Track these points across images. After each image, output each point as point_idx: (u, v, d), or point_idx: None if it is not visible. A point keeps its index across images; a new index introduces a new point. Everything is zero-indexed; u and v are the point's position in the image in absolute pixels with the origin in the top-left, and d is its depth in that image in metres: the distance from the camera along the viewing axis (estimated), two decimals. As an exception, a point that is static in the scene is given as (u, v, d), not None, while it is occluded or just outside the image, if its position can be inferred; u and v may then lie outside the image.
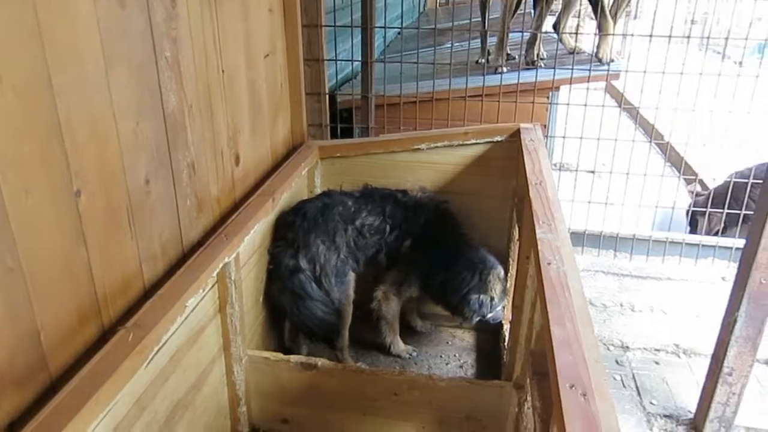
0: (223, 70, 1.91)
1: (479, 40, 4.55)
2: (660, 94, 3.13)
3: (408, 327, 2.70)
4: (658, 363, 2.60)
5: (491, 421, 1.92)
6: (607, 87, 6.09)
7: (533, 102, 3.19)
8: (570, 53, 4.34)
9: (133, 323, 1.39)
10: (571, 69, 3.40)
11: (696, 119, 3.27)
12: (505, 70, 4.09)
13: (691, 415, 2.28)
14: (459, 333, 2.72)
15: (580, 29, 4.72)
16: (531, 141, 2.32)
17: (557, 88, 3.85)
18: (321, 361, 1.97)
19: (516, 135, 2.44)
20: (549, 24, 4.68)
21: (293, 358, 2.00)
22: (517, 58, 4.26)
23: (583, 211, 3.35)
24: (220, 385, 1.89)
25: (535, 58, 4.23)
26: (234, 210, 2.00)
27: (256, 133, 2.23)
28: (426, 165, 2.57)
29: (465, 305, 2.33)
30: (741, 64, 5.28)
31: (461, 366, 2.53)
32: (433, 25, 4.76)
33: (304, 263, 2.22)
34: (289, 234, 2.24)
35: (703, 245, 3.39)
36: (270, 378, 2.01)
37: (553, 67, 3.26)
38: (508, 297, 2.45)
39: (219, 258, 1.70)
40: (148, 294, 1.54)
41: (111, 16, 1.34)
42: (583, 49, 4.53)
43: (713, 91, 3.16)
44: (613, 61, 4.27)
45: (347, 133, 3.38)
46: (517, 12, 4.36)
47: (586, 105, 3.18)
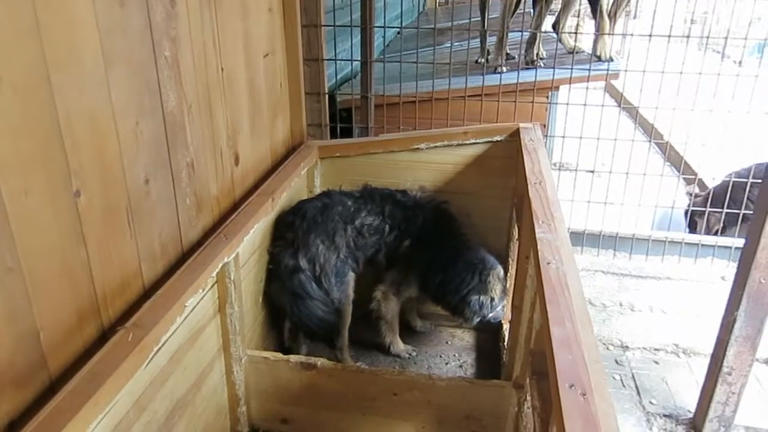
0: (222, 70, 1.91)
1: (479, 40, 4.55)
2: (659, 94, 3.13)
3: (408, 327, 2.70)
4: (657, 362, 2.60)
5: (491, 420, 1.92)
6: (607, 86, 6.08)
7: (533, 102, 3.19)
8: (569, 53, 4.34)
9: (133, 323, 1.39)
10: (571, 69, 3.40)
11: (695, 119, 3.27)
12: (504, 69, 4.08)
13: (691, 415, 2.28)
14: (459, 333, 2.72)
15: (579, 29, 4.71)
16: (530, 140, 2.32)
17: (557, 88, 3.85)
18: (320, 361, 1.97)
19: (515, 135, 2.44)
20: (548, 23, 4.68)
21: (293, 358, 2.00)
22: (516, 57, 4.25)
23: (583, 210, 3.35)
24: (219, 385, 1.89)
25: (535, 58, 4.23)
26: (233, 210, 2.00)
27: (255, 133, 2.23)
28: (425, 165, 2.57)
29: (465, 306, 2.33)
30: (740, 63, 5.28)
31: (461, 366, 2.53)
32: (433, 25, 4.76)
33: (303, 263, 2.22)
34: (288, 234, 2.24)
35: (702, 245, 3.39)
36: (269, 378, 2.01)
37: (553, 67, 3.26)
38: (507, 297, 2.46)
39: (218, 258, 1.70)
40: (147, 294, 1.54)
41: (110, 15, 1.34)
42: (582, 48, 4.53)
43: (713, 90, 3.15)
44: (612, 59, 4.27)
45: (347, 132, 3.38)
46: (517, 11, 4.36)
47: (585, 105, 3.18)
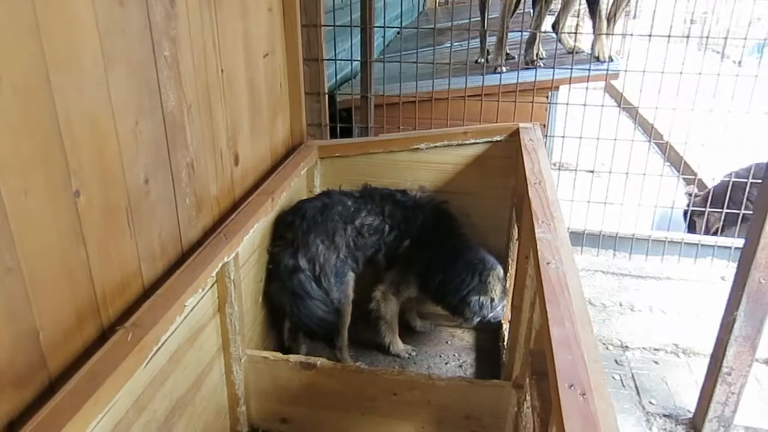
0: (222, 70, 1.91)
1: (478, 40, 4.55)
2: (659, 94, 3.13)
3: (407, 326, 2.70)
4: (657, 362, 2.60)
5: (490, 420, 1.92)
6: (607, 87, 6.08)
7: (532, 102, 3.19)
8: (569, 53, 4.34)
9: (132, 323, 1.39)
10: (570, 69, 3.40)
11: (695, 119, 3.27)
12: (504, 69, 4.08)
13: (690, 415, 2.28)
14: (458, 333, 2.72)
15: (579, 29, 4.71)
16: (530, 140, 2.32)
17: (556, 88, 3.85)
18: (320, 361, 1.97)
19: (515, 135, 2.44)
20: (548, 23, 4.68)
21: (292, 358, 2.00)
22: (516, 57, 4.25)
23: (583, 210, 3.35)
24: (219, 384, 1.89)
25: (535, 58, 4.23)
26: (233, 209, 2.00)
27: (255, 133, 2.23)
28: (425, 165, 2.57)
29: (465, 307, 2.33)
30: (740, 63, 5.28)
31: (460, 366, 2.53)
32: (433, 25, 4.76)
33: (303, 263, 2.22)
34: (288, 233, 2.24)
35: (702, 245, 3.39)
36: (269, 377, 2.01)
37: (553, 67, 3.26)
38: (507, 297, 2.46)
39: (218, 257, 1.70)
40: (147, 294, 1.54)
41: (110, 15, 1.34)
42: (582, 48, 4.53)
43: (712, 90, 3.15)
44: (612, 59, 4.27)
45: (346, 132, 3.38)
46: (516, 12, 4.36)
47: (585, 105, 3.18)
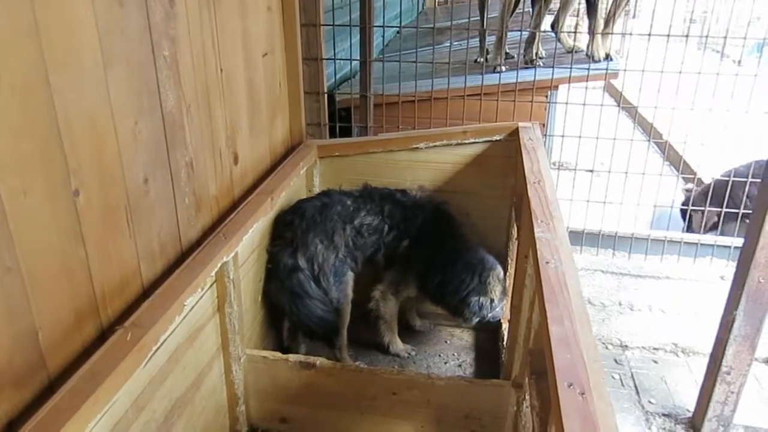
0: (221, 70, 1.91)
1: (478, 39, 4.55)
2: (659, 93, 3.13)
3: (407, 326, 2.70)
4: (656, 362, 2.60)
5: (490, 420, 1.92)
6: (606, 86, 6.09)
7: (532, 101, 3.18)
8: (568, 52, 4.34)
9: (132, 323, 1.39)
10: (570, 68, 3.40)
11: (694, 118, 3.27)
12: (503, 69, 4.08)
13: (690, 414, 2.28)
14: (458, 332, 2.72)
15: (578, 28, 4.70)
16: (529, 140, 2.32)
17: (556, 87, 3.85)
18: (319, 361, 1.97)
19: (514, 134, 2.44)
20: (547, 23, 4.68)
21: (292, 357, 2.00)
22: (515, 57, 4.25)
23: (582, 210, 3.35)
24: (218, 384, 1.89)
25: (534, 57, 4.22)
26: (233, 209, 2.00)
27: (254, 133, 2.23)
28: (424, 164, 2.56)
29: (465, 307, 2.32)
30: (740, 63, 5.29)
31: (460, 365, 2.53)
32: (432, 25, 4.76)
33: (302, 262, 2.22)
34: (287, 233, 2.24)
35: (701, 244, 3.39)
36: (268, 377, 2.01)
37: (552, 66, 3.26)
38: (507, 296, 2.45)
39: (217, 257, 1.70)
40: (146, 293, 1.54)
41: (109, 15, 1.34)
42: (581, 48, 4.53)
43: (712, 90, 3.15)
44: (611, 59, 4.26)
45: (346, 132, 3.38)
46: (516, 11, 4.36)
47: (584, 104, 3.18)
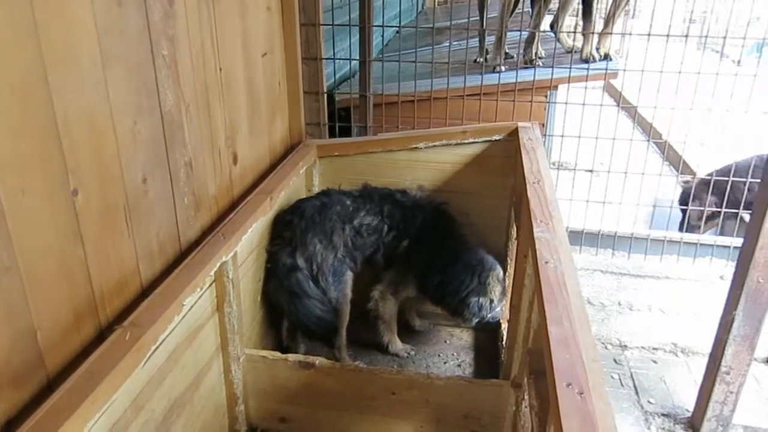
0: (220, 69, 1.91)
1: (477, 39, 4.55)
2: (658, 93, 3.13)
3: (406, 326, 2.70)
4: (656, 362, 2.60)
5: (489, 419, 1.92)
6: (606, 86, 6.09)
7: (531, 101, 3.18)
8: (568, 52, 4.34)
9: (130, 322, 1.39)
10: (569, 68, 3.40)
11: (694, 118, 3.27)
12: (503, 69, 4.08)
13: (689, 414, 2.28)
14: (457, 332, 2.72)
15: (577, 28, 4.70)
16: (529, 140, 2.31)
17: (555, 87, 3.85)
18: (319, 360, 1.97)
19: (514, 134, 2.44)
20: (547, 23, 4.68)
21: (291, 357, 2.00)
22: (515, 57, 4.25)
23: (581, 209, 3.35)
24: (217, 384, 1.89)
25: (534, 57, 4.22)
26: (232, 209, 2.00)
27: (253, 132, 2.23)
28: (424, 164, 2.56)
29: (464, 308, 2.32)
30: (739, 63, 5.29)
31: (459, 365, 2.53)
32: (432, 24, 4.76)
33: (301, 262, 2.22)
34: (286, 233, 2.24)
35: (701, 244, 3.39)
36: (268, 377, 2.01)
37: (552, 66, 3.26)
38: (506, 296, 2.45)
39: (217, 257, 1.70)
40: (145, 293, 1.54)
41: (108, 15, 1.34)
42: (580, 47, 4.53)
43: (711, 90, 3.16)
44: (609, 58, 4.26)
45: (345, 132, 3.38)
46: (515, 11, 4.36)
47: (584, 104, 3.19)
